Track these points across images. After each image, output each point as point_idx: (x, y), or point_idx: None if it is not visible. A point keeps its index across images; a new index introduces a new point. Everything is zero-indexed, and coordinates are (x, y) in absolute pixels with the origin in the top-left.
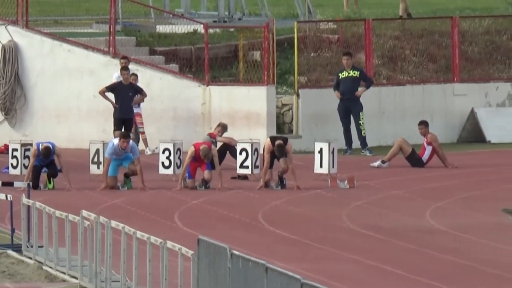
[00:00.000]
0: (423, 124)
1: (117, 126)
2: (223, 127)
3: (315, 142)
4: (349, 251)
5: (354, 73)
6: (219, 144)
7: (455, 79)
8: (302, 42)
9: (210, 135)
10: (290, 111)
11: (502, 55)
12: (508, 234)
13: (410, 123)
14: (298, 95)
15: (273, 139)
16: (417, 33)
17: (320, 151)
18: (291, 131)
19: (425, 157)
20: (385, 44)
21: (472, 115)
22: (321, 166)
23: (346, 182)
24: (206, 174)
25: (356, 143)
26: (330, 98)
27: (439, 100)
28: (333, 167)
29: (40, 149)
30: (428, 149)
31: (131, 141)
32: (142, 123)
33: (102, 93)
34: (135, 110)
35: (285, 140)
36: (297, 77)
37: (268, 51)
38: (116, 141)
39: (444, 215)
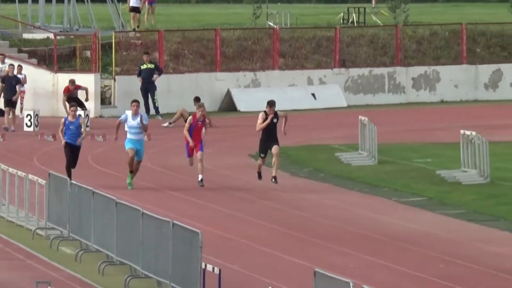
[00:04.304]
0: (196, 99)
1: (5, 104)
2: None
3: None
4: (147, 181)
5: (151, 66)
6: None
7: (217, 69)
8: (118, 45)
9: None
10: (110, 90)
11: (247, 54)
12: (251, 171)
13: (188, 98)
14: (115, 79)
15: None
16: (193, 39)
17: None
18: (110, 103)
19: None
20: (172, 46)
21: (228, 93)
22: None
23: (145, 136)
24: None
25: (152, 111)
26: (136, 82)
27: (207, 83)
28: None
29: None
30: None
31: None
32: (23, 98)
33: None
34: (22, 89)
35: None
36: (114, 68)
37: (96, 51)
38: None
39: (210, 158)
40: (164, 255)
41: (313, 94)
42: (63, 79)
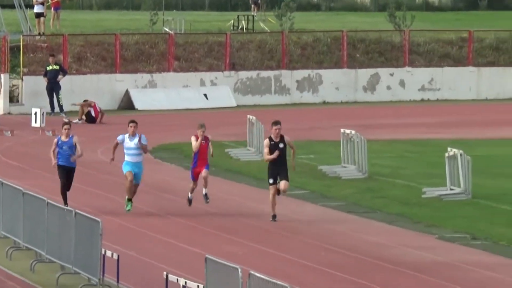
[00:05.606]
0: (85, 101)
1: None
2: None
3: (32, 108)
4: (53, 174)
5: (56, 67)
6: None
7: (117, 71)
8: (25, 47)
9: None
10: (18, 89)
11: (145, 57)
12: (148, 165)
13: (90, 97)
14: (22, 79)
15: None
16: (95, 43)
17: (35, 113)
18: (18, 101)
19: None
20: (75, 49)
21: (127, 93)
22: (35, 122)
23: (50, 132)
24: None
25: (57, 109)
26: (42, 82)
27: (107, 84)
28: (43, 123)
29: None
30: (98, 109)
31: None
32: None
33: None
34: None
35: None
36: (22, 68)
37: (5, 53)
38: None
39: (108, 153)
40: (67, 242)
41: (205, 95)
42: None
